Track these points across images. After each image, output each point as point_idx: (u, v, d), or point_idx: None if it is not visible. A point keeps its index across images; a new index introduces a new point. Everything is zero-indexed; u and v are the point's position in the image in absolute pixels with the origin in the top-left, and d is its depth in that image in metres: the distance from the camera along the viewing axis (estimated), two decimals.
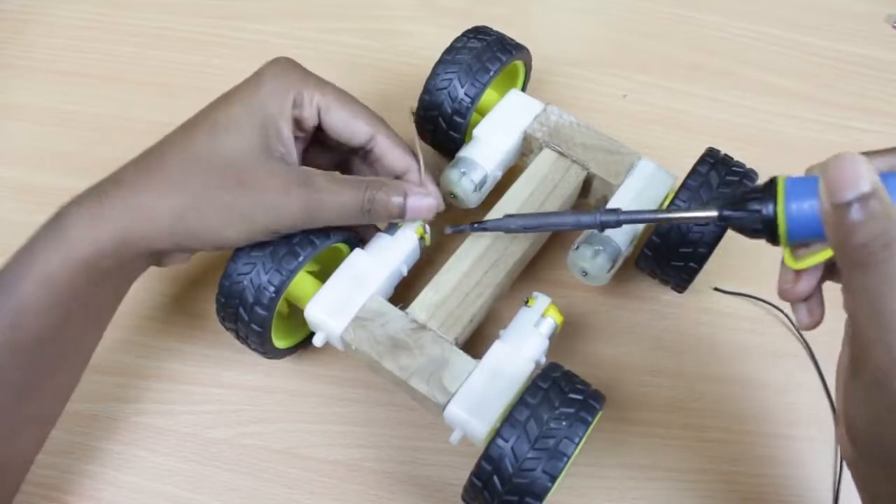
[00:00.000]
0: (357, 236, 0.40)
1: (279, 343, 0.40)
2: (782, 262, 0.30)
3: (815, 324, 0.30)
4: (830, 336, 0.45)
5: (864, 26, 0.56)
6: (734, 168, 0.40)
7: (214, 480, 0.40)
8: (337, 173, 0.37)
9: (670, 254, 0.40)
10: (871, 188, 0.24)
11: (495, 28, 0.45)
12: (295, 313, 0.40)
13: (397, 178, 0.39)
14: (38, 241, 0.33)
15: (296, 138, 0.37)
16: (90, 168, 0.41)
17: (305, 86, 0.36)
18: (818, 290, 0.30)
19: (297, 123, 0.37)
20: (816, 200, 0.27)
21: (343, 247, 0.40)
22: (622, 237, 0.40)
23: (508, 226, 0.38)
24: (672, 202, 0.39)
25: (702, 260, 0.39)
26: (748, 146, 0.51)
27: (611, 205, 0.41)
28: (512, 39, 0.45)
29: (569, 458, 0.32)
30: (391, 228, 0.40)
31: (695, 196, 0.39)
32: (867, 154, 0.27)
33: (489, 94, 0.45)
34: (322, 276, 0.39)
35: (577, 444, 0.32)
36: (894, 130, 0.52)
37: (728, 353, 0.44)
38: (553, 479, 0.32)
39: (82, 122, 0.51)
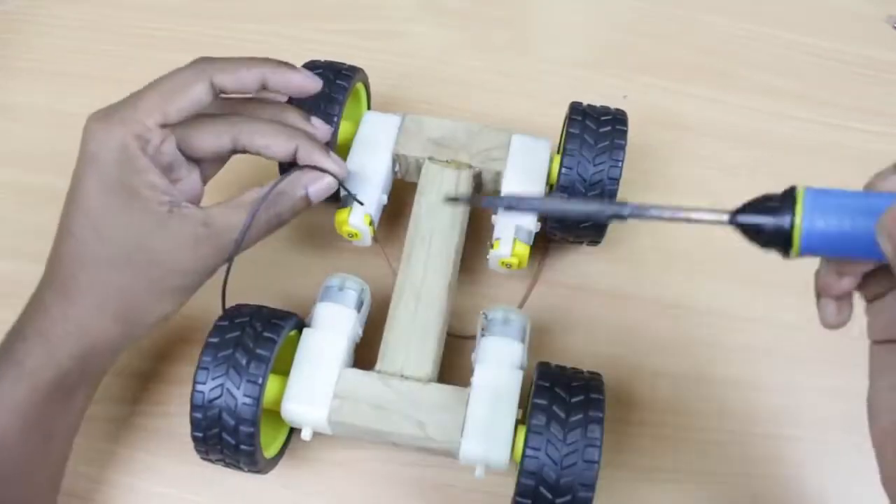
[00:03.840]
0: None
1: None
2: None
3: (842, 323, 0.29)
4: (834, 337, 0.45)
5: (864, 26, 0.56)
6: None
7: (214, 481, 0.40)
8: (232, 199, 0.36)
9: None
10: None
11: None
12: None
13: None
14: None
15: (190, 161, 0.37)
16: None
17: (133, 122, 0.34)
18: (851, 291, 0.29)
19: (158, 156, 0.35)
20: (837, 217, 0.26)
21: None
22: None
23: (513, 204, 0.32)
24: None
25: None
26: (748, 146, 0.51)
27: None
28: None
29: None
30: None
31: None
32: None
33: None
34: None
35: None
36: (894, 131, 0.52)
37: (728, 354, 0.44)
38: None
39: (82, 123, 0.51)
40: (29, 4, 0.56)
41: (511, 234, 0.40)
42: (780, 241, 0.28)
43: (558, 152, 0.41)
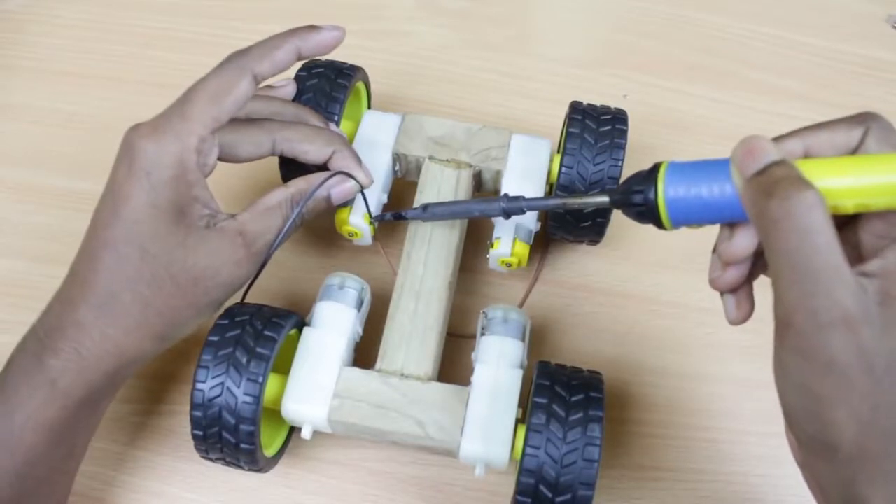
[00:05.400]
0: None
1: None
2: (713, 251, 0.31)
3: (743, 318, 0.30)
4: None
5: (864, 26, 0.56)
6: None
7: (215, 480, 0.40)
8: (258, 203, 0.36)
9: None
10: (777, 157, 0.26)
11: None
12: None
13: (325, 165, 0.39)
14: (22, 388, 0.32)
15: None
16: (90, 168, 0.41)
17: (189, 134, 0.33)
18: (748, 284, 0.30)
19: (206, 163, 0.35)
20: (696, 185, 0.28)
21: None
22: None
23: (424, 215, 0.38)
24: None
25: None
26: None
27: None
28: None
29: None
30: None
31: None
32: (775, 139, 0.28)
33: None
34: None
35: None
36: None
37: (728, 353, 0.44)
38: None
39: (82, 122, 0.51)
40: (30, 4, 0.56)
41: (511, 234, 0.40)
42: (650, 214, 0.29)
43: (558, 152, 0.41)
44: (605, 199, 0.32)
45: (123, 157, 0.33)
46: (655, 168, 0.29)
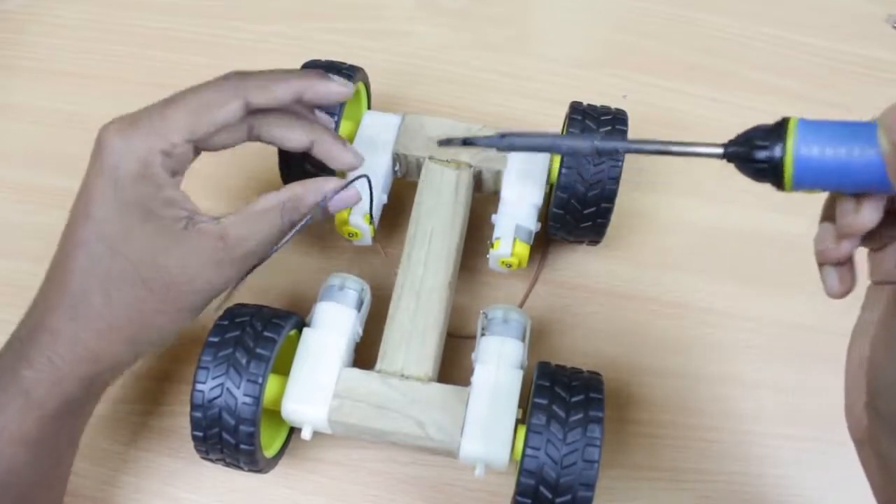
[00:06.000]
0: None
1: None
2: (820, 221, 0.29)
3: (846, 291, 0.29)
4: (834, 336, 0.45)
5: (863, 26, 0.56)
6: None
7: (215, 480, 0.40)
8: (248, 206, 0.34)
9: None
10: None
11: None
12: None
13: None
14: None
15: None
16: None
17: (159, 137, 0.32)
18: (852, 258, 0.29)
19: (177, 167, 0.34)
20: (831, 145, 0.26)
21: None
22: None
23: (500, 144, 0.33)
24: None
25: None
26: None
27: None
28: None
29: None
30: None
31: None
32: None
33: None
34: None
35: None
36: None
37: (728, 353, 0.44)
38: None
39: (82, 122, 0.51)
40: (30, 4, 0.56)
41: (511, 234, 0.40)
42: (772, 171, 0.27)
43: None
44: (717, 150, 0.29)
45: (95, 154, 0.33)
46: (783, 123, 0.28)
